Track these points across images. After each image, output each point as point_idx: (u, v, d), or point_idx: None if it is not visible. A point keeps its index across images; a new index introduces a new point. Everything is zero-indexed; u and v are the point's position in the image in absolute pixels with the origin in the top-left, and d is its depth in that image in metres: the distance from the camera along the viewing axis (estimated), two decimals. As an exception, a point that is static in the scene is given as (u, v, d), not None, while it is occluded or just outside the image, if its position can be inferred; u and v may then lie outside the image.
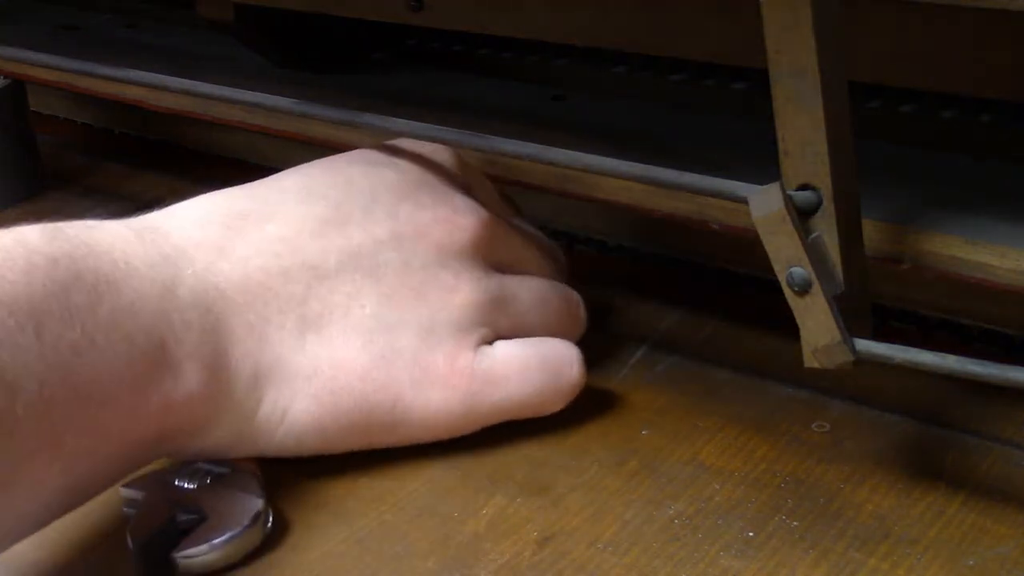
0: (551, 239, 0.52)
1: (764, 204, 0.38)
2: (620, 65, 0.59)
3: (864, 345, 0.38)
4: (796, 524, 0.40)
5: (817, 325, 0.38)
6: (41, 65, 0.63)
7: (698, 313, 0.53)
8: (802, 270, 0.38)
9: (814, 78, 0.36)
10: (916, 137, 0.50)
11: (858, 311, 0.40)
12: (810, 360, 0.39)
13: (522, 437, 0.45)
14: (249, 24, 0.64)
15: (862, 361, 0.39)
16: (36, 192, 0.70)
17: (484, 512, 0.42)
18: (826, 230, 0.38)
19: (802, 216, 0.38)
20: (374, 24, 0.61)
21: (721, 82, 0.56)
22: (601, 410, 0.47)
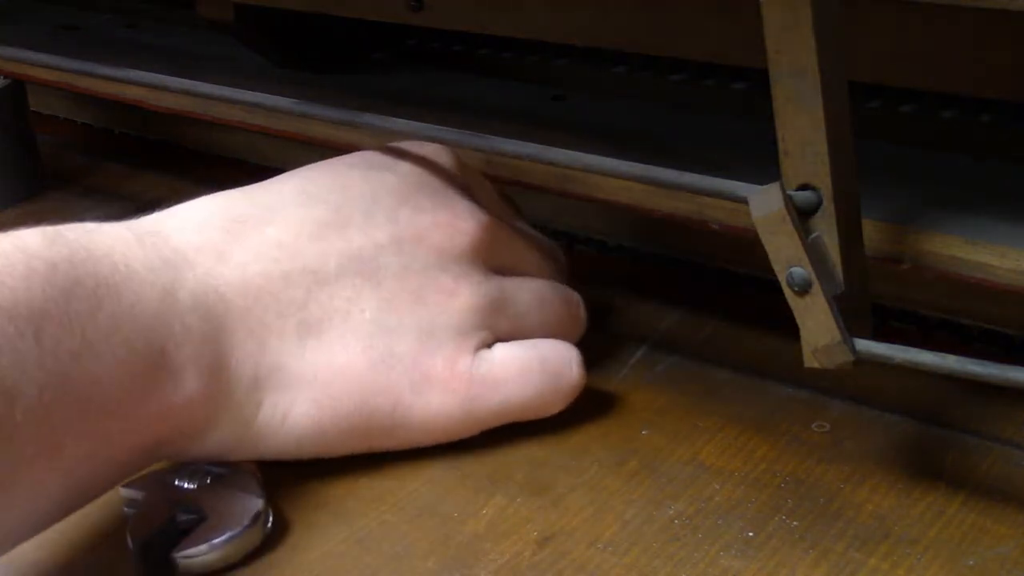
0: (551, 239, 0.52)
1: (764, 204, 0.38)
2: (620, 65, 0.59)
3: (864, 345, 0.38)
4: (796, 524, 0.40)
5: (817, 325, 0.38)
6: (41, 65, 0.63)
7: (698, 313, 0.53)
8: (802, 270, 0.38)
9: (814, 78, 0.36)
10: (916, 137, 0.50)
11: (858, 311, 0.40)
12: (810, 360, 0.39)
13: (522, 437, 0.45)
14: (249, 24, 0.64)
15: (862, 361, 0.39)
16: (36, 192, 0.69)
17: (484, 512, 0.42)
18: (826, 230, 0.38)
19: (802, 216, 0.38)
20: (374, 24, 0.61)
21: (721, 82, 0.56)
22: (601, 410, 0.47)
